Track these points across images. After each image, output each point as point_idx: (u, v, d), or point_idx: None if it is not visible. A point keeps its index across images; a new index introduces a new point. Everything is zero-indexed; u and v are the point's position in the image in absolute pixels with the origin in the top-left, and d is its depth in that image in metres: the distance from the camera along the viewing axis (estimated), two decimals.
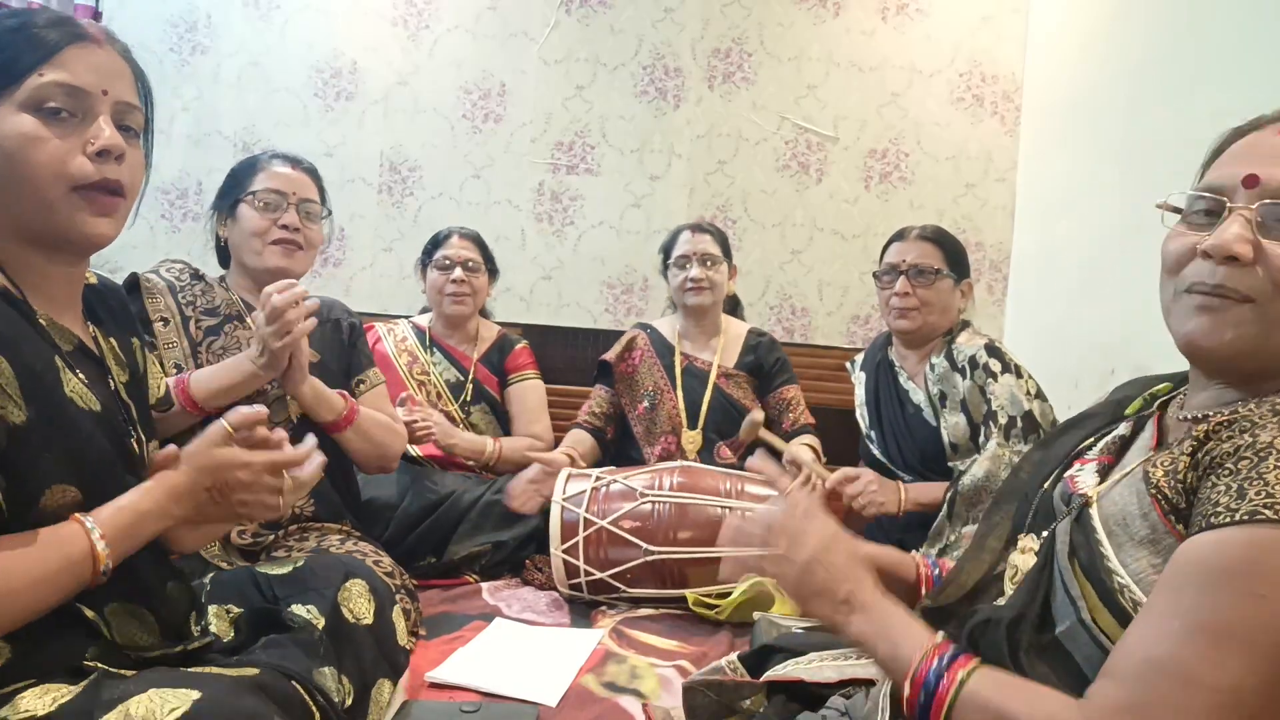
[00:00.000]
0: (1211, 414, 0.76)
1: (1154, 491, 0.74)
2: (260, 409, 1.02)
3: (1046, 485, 0.89)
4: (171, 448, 1.01)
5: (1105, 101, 2.29)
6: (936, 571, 1.10)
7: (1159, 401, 0.90)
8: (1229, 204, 0.76)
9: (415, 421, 2.13)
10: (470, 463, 2.30)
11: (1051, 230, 2.61)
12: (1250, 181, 0.75)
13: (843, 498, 1.88)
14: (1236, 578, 0.64)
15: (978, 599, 0.87)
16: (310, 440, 1.07)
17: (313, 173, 1.73)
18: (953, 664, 0.75)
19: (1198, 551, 0.67)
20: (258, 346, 1.46)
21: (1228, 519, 0.65)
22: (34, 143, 0.89)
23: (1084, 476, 0.86)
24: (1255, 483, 0.65)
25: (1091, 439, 0.92)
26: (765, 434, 2.02)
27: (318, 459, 1.06)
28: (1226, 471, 0.68)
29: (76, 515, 0.88)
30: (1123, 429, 0.89)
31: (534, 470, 2.12)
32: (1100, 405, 0.97)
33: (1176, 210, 0.83)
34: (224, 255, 1.74)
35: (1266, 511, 0.64)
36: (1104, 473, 0.85)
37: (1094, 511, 0.78)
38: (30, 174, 0.89)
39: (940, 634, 0.79)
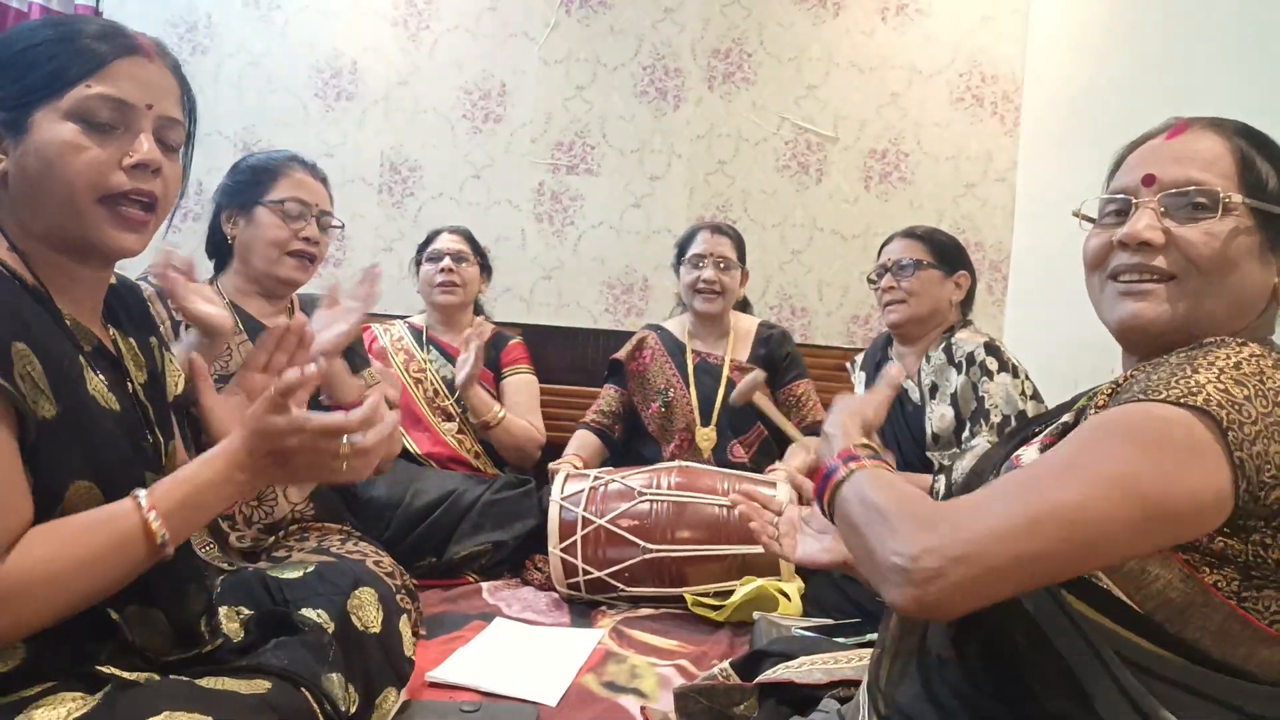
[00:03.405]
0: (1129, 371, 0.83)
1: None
2: (308, 368, 0.95)
3: (995, 476, 0.94)
4: (198, 359, 1.09)
5: (1104, 102, 2.29)
6: None
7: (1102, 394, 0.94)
8: (1135, 200, 0.87)
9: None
10: (474, 450, 2.31)
11: (1051, 230, 2.61)
12: (1148, 180, 0.86)
13: None
14: (1100, 429, 0.73)
15: None
16: (371, 401, 0.95)
17: (326, 182, 1.74)
18: (856, 459, 0.84)
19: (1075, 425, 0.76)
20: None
21: (1110, 405, 0.75)
22: (73, 151, 0.89)
23: (1028, 454, 0.92)
24: (1140, 382, 0.76)
25: (1039, 428, 0.99)
26: (762, 399, 1.94)
27: (388, 420, 0.96)
28: (1126, 385, 0.78)
29: (135, 491, 0.88)
30: (1067, 417, 0.95)
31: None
32: (1056, 408, 1.04)
33: (1090, 220, 0.94)
34: (220, 251, 1.70)
35: (1141, 396, 0.73)
36: (1045, 450, 0.90)
37: None
38: (65, 182, 0.90)
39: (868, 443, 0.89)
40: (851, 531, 0.79)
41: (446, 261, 2.41)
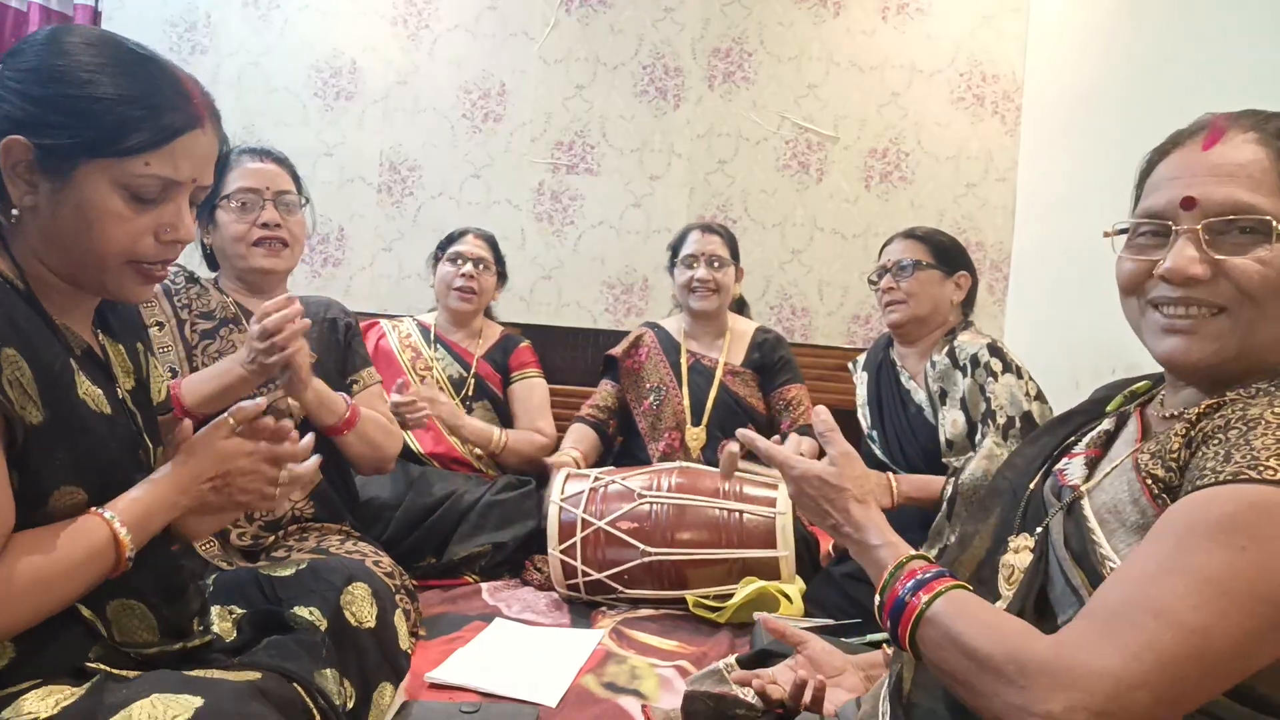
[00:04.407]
0: (1199, 406, 0.77)
1: (1144, 476, 0.76)
2: (260, 401, 1.05)
3: (1034, 484, 0.91)
4: (187, 423, 1.05)
5: (1105, 101, 2.29)
6: None
7: (1138, 400, 0.92)
8: (1174, 226, 0.79)
9: (409, 404, 2.00)
10: (476, 452, 2.30)
11: (1051, 230, 2.61)
12: (1188, 204, 0.78)
13: None
14: (1218, 530, 0.65)
15: None
16: (308, 438, 1.09)
17: (284, 162, 1.70)
18: (924, 585, 0.76)
19: (1181, 509, 0.68)
20: (247, 351, 1.44)
21: (1212, 480, 0.67)
22: (117, 221, 0.89)
23: (1072, 469, 0.87)
24: (1242, 448, 0.67)
25: (1074, 436, 0.94)
26: (746, 469, 1.98)
27: (314, 459, 1.09)
28: (1217, 441, 0.70)
29: (93, 509, 0.90)
30: (1107, 424, 0.91)
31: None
32: (1082, 405, 0.99)
33: (1122, 232, 0.86)
34: (212, 260, 1.72)
35: (1250, 472, 0.65)
36: (1091, 465, 0.87)
37: (1086, 503, 0.80)
38: (101, 245, 0.90)
39: (920, 552, 0.83)
40: (955, 682, 0.72)
41: (469, 268, 2.40)
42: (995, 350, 1.86)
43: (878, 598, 0.81)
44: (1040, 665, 0.65)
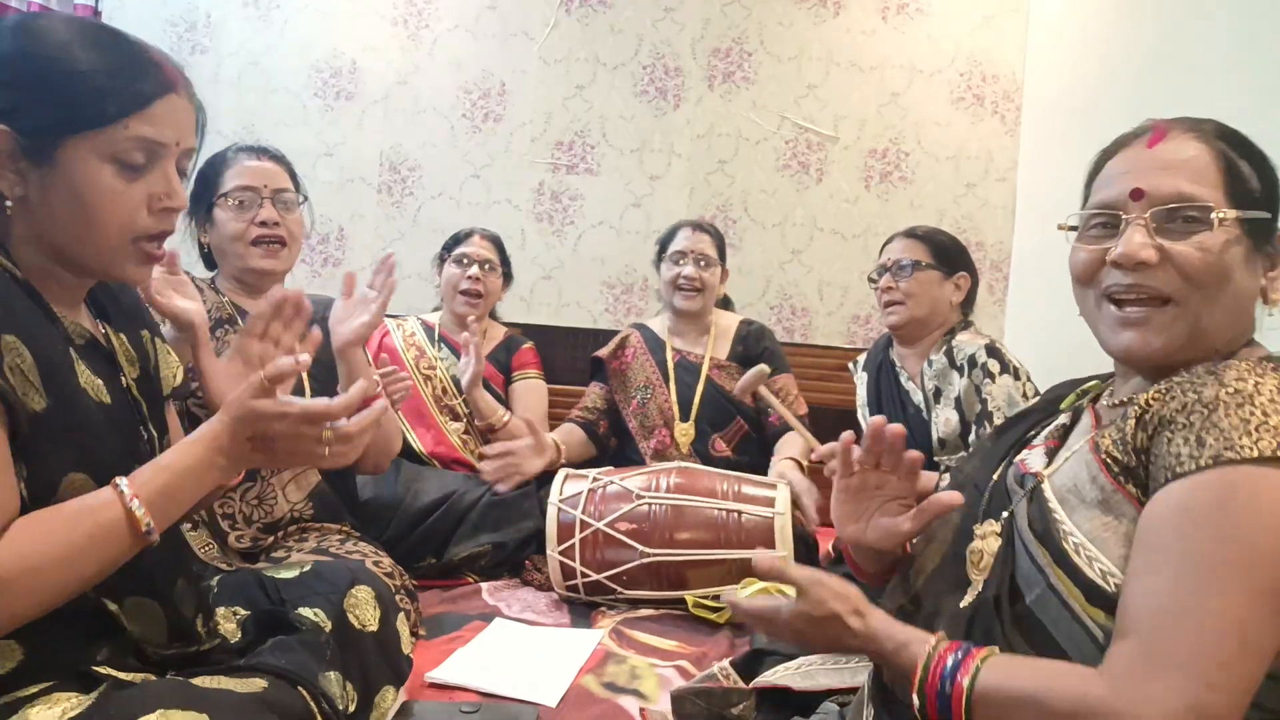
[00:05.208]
0: (1147, 392, 0.81)
1: (1103, 457, 0.80)
2: (300, 358, 0.98)
3: (996, 476, 0.95)
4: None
5: (1105, 101, 2.29)
6: None
7: (1090, 396, 0.97)
8: (1124, 216, 0.85)
9: (392, 373, 1.91)
10: (477, 452, 2.31)
11: (1052, 230, 2.60)
12: (1136, 194, 0.84)
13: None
14: (1212, 517, 0.69)
15: (935, 584, 0.92)
16: (357, 387, 0.98)
17: (281, 160, 1.69)
18: (962, 663, 0.77)
19: (1170, 500, 0.72)
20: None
21: (1193, 466, 0.71)
22: (109, 195, 0.89)
23: (1033, 458, 0.92)
24: (1211, 430, 0.71)
25: (1032, 431, 1.00)
26: (765, 392, 1.95)
27: (377, 406, 0.99)
28: (1180, 425, 0.74)
29: (115, 480, 0.87)
30: (1063, 419, 0.97)
31: (520, 444, 2.15)
32: (1037, 403, 1.05)
33: (1074, 229, 0.94)
34: (209, 259, 1.72)
35: (1228, 453, 0.69)
36: (1051, 454, 0.91)
37: (1046, 486, 0.85)
38: (100, 224, 0.90)
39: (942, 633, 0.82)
40: None
41: (475, 270, 2.39)
42: (993, 351, 1.87)
43: (915, 699, 0.79)
44: (1106, 711, 0.67)
